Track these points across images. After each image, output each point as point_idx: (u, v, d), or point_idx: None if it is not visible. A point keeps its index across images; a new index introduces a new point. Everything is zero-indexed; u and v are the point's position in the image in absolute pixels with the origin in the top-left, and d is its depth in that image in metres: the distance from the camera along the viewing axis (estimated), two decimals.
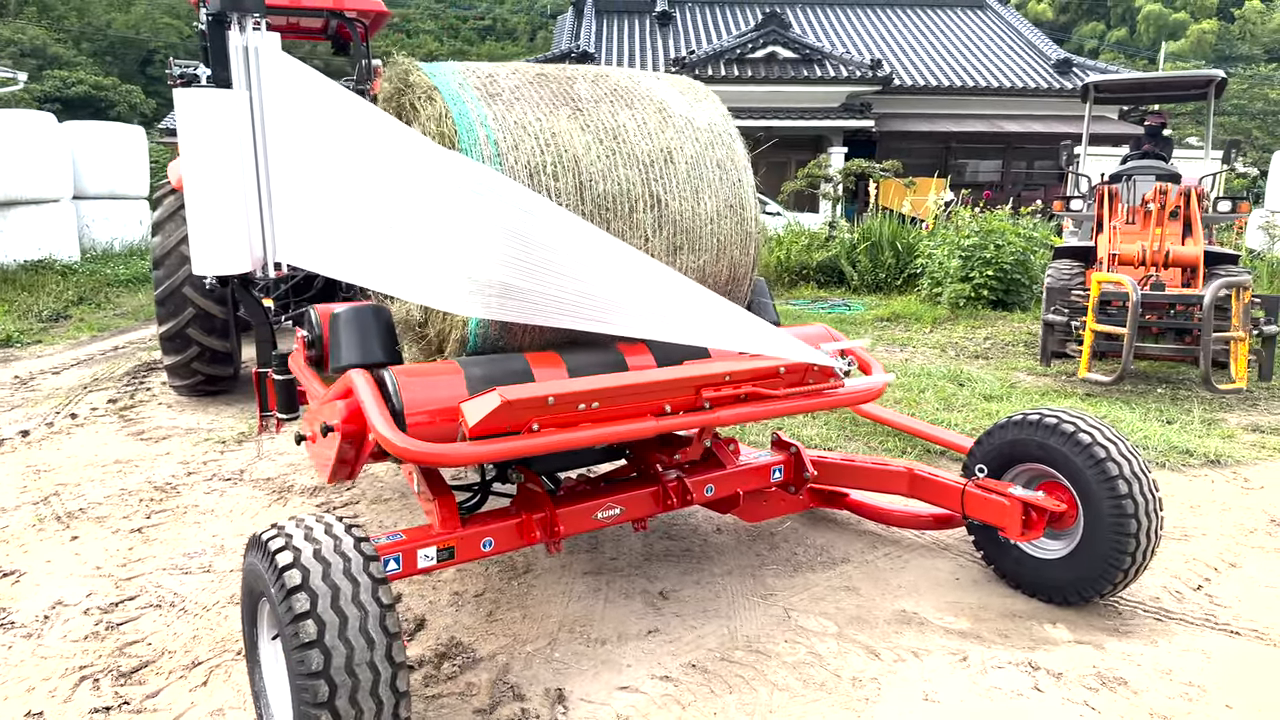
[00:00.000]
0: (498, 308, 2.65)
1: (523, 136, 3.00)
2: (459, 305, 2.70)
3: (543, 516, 3.01)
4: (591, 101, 3.28)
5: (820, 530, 4.04)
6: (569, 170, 3.04)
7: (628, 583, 3.51)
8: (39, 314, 9.75)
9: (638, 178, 3.17)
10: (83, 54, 39.80)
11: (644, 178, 3.19)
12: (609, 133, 3.18)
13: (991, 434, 3.45)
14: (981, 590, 3.46)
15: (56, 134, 12.91)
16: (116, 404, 6.30)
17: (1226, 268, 7.03)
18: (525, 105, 3.11)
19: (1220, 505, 4.42)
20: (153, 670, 2.93)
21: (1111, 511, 3.04)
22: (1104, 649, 3.04)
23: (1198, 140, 24.13)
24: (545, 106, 3.14)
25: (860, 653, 3.01)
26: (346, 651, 2.09)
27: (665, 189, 3.22)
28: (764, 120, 21.16)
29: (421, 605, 3.33)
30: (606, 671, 2.88)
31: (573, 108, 3.21)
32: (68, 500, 4.43)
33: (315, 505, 4.37)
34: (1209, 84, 8.61)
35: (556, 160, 3.02)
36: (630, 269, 2.63)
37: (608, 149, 3.14)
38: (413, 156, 2.71)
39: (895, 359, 7.87)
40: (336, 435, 2.72)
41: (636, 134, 3.24)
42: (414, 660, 2.95)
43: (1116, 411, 6.03)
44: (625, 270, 2.62)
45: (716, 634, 3.12)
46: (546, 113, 3.12)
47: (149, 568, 3.69)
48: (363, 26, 6.93)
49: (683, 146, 3.32)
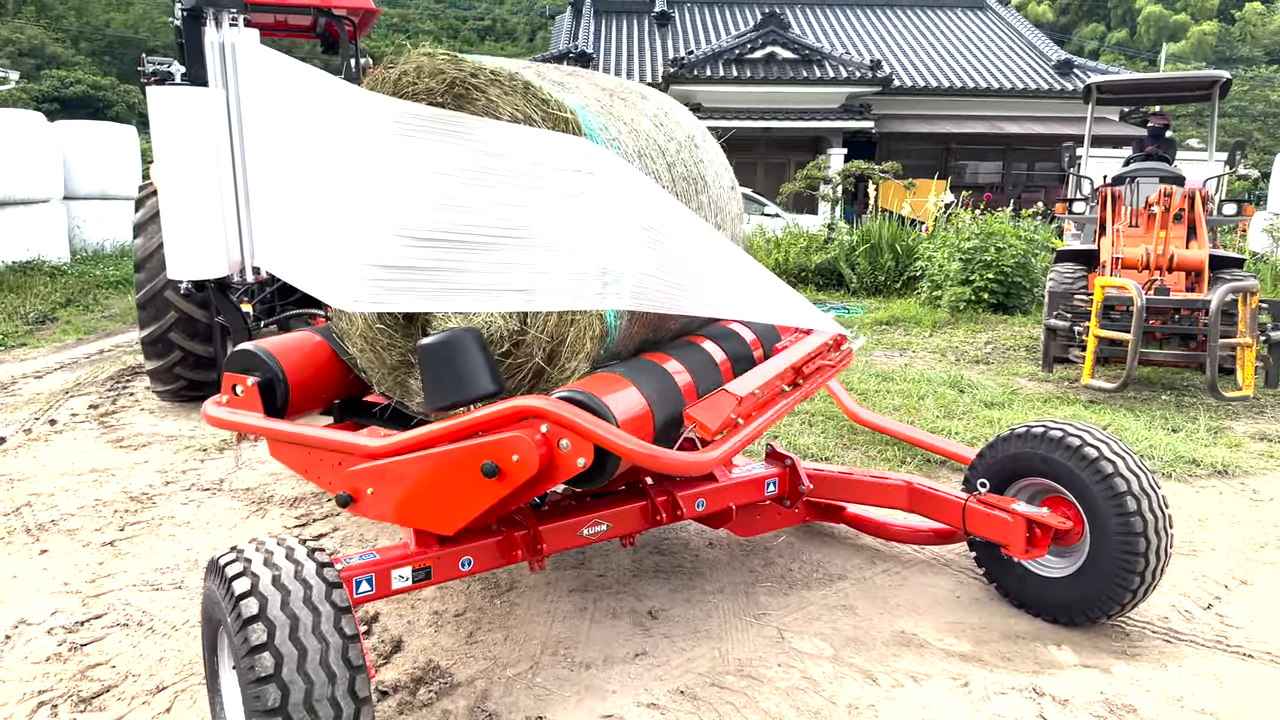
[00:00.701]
0: (631, 298, 2.51)
1: (616, 122, 2.94)
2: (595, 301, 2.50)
3: (525, 534, 2.88)
4: (623, 91, 3.29)
5: (816, 545, 3.91)
6: (660, 153, 3.05)
7: (615, 601, 3.37)
8: (25, 316, 9.61)
9: (691, 160, 3.25)
10: (81, 54, 39.65)
11: (695, 159, 3.29)
12: (656, 120, 3.20)
13: (994, 447, 3.32)
14: (983, 609, 3.33)
15: (47, 133, 12.77)
16: (98, 410, 6.16)
17: (1232, 272, 6.90)
18: (588, 94, 3.02)
19: (1229, 518, 4.28)
20: (114, 695, 2.79)
21: (1119, 529, 2.91)
22: (1111, 673, 2.90)
23: (1198, 142, 24.05)
24: (603, 96, 3.11)
25: (857, 677, 2.87)
26: (306, 687, 1.96)
27: (704, 171, 3.33)
28: (763, 121, 21.06)
29: (399, 625, 3.19)
30: (590, 698, 2.75)
31: (618, 97, 3.18)
32: (39, 511, 4.29)
33: (295, 517, 4.23)
34: (1213, 85, 8.48)
35: (648, 143, 3.00)
36: (722, 251, 2.71)
37: (666, 134, 3.18)
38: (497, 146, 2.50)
39: (894, 363, 7.74)
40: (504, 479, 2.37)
41: (668, 122, 3.30)
42: (389, 685, 2.82)
43: (1120, 419, 5.90)
44: (720, 253, 2.69)
45: (707, 657, 2.98)
46: (609, 101, 3.08)
47: (119, 584, 3.55)
48: (351, 25, 6.80)
49: (692, 135, 3.41)
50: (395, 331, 3.14)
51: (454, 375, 2.57)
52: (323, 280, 2.91)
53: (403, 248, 2.59)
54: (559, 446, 2.35)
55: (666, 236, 2.54)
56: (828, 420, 5.68)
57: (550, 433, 2.35)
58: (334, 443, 2.80)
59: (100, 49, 41.99)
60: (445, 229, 2.54)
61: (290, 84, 3.13)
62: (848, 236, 12.89)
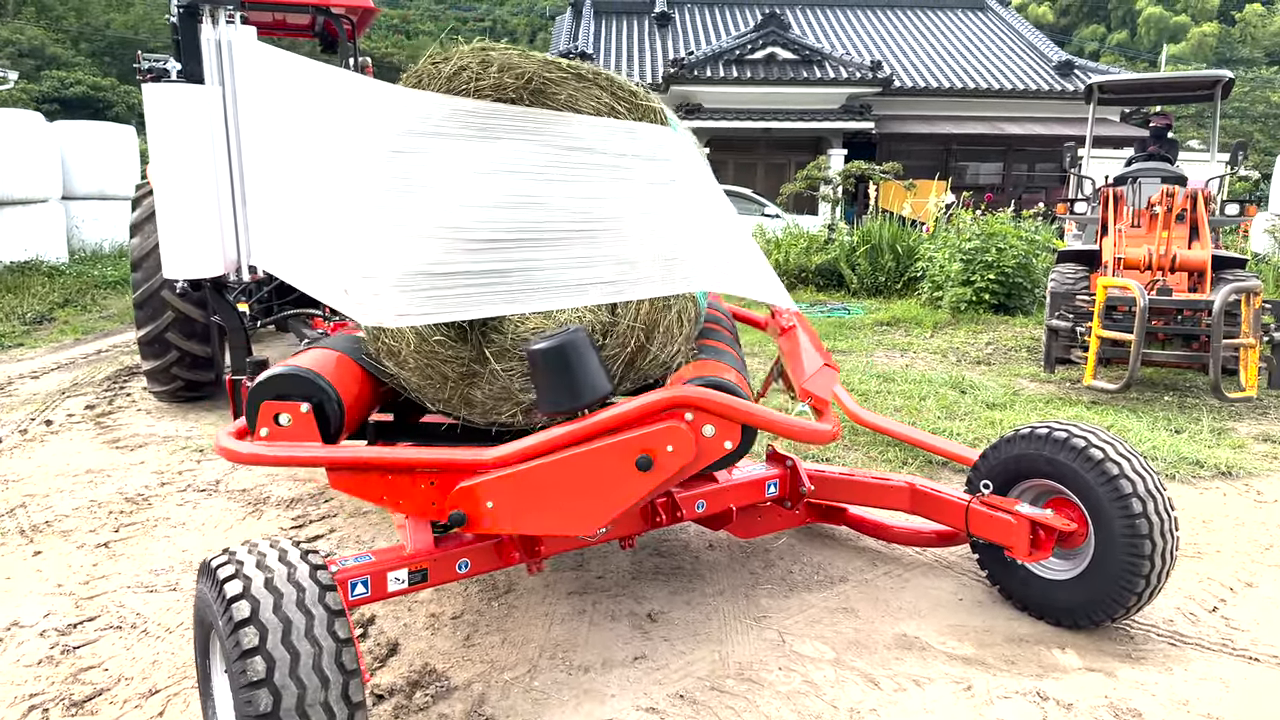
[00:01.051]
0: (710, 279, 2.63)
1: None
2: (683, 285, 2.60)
3: (523, 535, 2.85)
4: None
5: (817, 547, 3.87)
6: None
7: (614, 604, 3.34)
8: (22, 316, 9.58)
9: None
10: (81, 54, 39.61)
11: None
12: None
13: (997, 448, 3.28)
14: (986, 612, 3.29)
15: (45, 133, 12.75)
16: (94, 410, 6.12)
17: (1234, 272, 6.86)
18: None
19: (1234, 520, 4.25)
20: (107, 699, 2.75)
21: (1124, 531, 2.87)
22: (1116, 677, 2.87)
23: (1199, 143, 24.04)
24: None
25: (858, 681, 2.84)
26: (298, 691, 1.92)
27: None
28: (763, 122, 21.03)
29: (396, 628, 3.16)
30: (589, 702, 2.71)
31: None
32: (34, 512, 4.25)
33: (292, 518, 4.19)
34: (1215, 85, 8.45)
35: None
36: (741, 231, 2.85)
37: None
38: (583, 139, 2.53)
39: (895, 364, 7.70)
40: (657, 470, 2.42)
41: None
42: (385, 689, 2.78)
43: (1123, 420, 5.86)
44: (741, 232, 2.84)
45: (707, 660, 2.94)
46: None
47: (113, 585, 3.51)
48: (350, 24, 6.76)
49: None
50: (456, 342, 2.87)
51: (571, 379, 2.51)
52: (352, 296, 2.64)
53: (460, 252, 2.51)
54: (702, 433, 2.47)
55: (722, 219, 2.69)
56: None
57: (695, 420, 2.45)
58: (443, 461, 2.58)
59: (100, 50, 41.95)
60: (515, 228, 2.51)
61: (301, 83, 3.08)
62: (848, 237, 12.86)
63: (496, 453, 2.51)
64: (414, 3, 57.51)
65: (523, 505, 2.50)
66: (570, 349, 2.50)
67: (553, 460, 2.48)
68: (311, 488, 4.57)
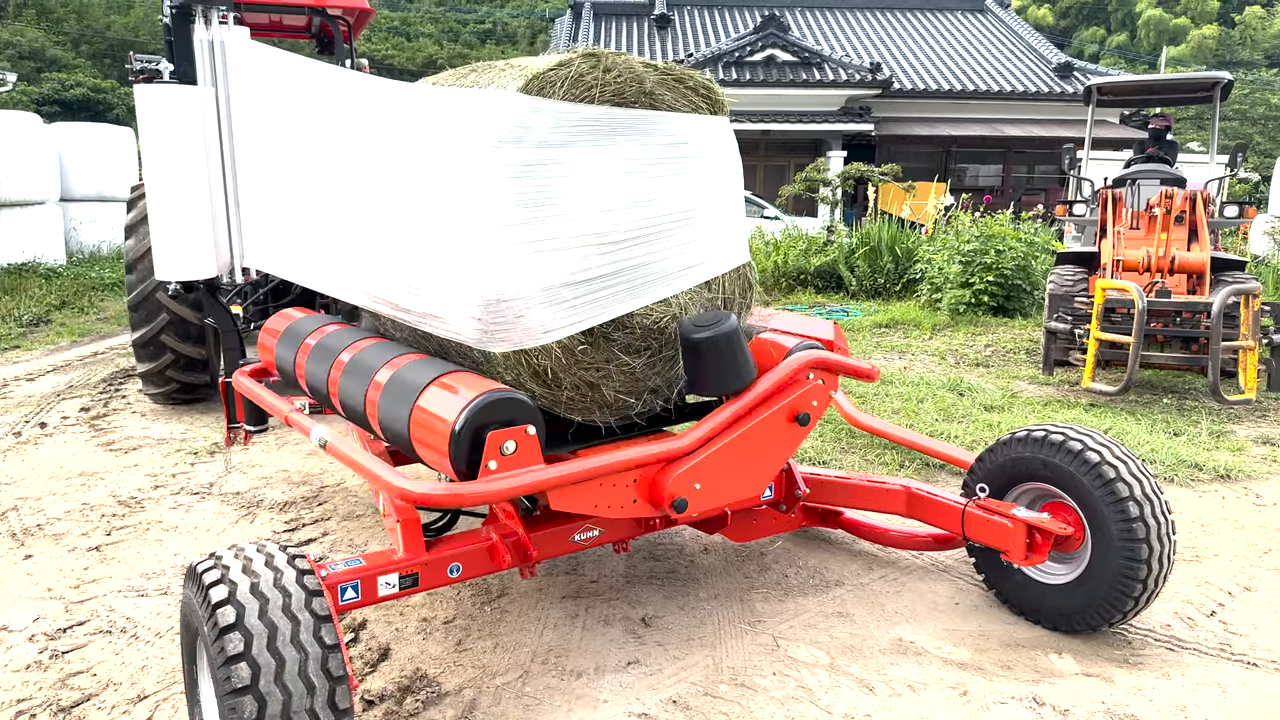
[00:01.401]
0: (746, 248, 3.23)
1: None
2: (743, 254, 3.13)
3: (516, 539, 2.82)
4: None
5: (813, 550, 3.85)
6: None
7: (608, 608, 3.31)
8: (19, 318, 9.56)
9: None
10: (81, 57, 39.61)
11: None
12: None
13: (993, 451, 3.26)
14: (982, 616, 3.27)
15: (43, 135, 12.73)
16: (89, 412, 6.10)
17: (1233, 274, 6.84)
18: None
19: (1232, 523, 4.22)
20: (94, 705, 2.73)
21: (1121, 535, 2.85)
22: (1113, 682, 2.84)
23: (1199, 145, 24.01)
24: None
25: (853, 686, 2.81)
26: (283, 698, 1.90)
27: None
28: (762, 124, 21.00)
29: (387, 633, 3.13)
30: (581, 708, 2.69)
31: None
32: (26, 515, 4.23)
33: (285, 522, 4.17)
34: (1214, 87, 8.42)
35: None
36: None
37: None
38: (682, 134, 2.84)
39: (894, 366, 7.68)
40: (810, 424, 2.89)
41: None
42: (375, 694, 2.76)
43: (1121, 423, 5.83)
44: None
45: (700, 665, 2.92)
46: None
47: (103, 589, 3.49)
48: (346, 25, 6.75)
49: None
50: (589, 345, 2.78)
51: (731, 364, 2.73)
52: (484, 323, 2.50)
53: (595, 256, 2.65)
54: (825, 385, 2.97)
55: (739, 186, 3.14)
56: (825, 424, 5.62)
57: (821, 377, 2.93)
58: (649, 457, 2.62)
59: (100, 52, 41.96)
60: (636, 225, 2.72)
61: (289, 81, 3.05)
62: (847, 239, 12.82)
63: (688, 439, 2.70)
64: (414, 5, 57.52)
65: (719, 480, 2.74)
66: (732, 334, 2.70)
67: (738, 434, 2.76)
68: (305, 491, 4.55)
